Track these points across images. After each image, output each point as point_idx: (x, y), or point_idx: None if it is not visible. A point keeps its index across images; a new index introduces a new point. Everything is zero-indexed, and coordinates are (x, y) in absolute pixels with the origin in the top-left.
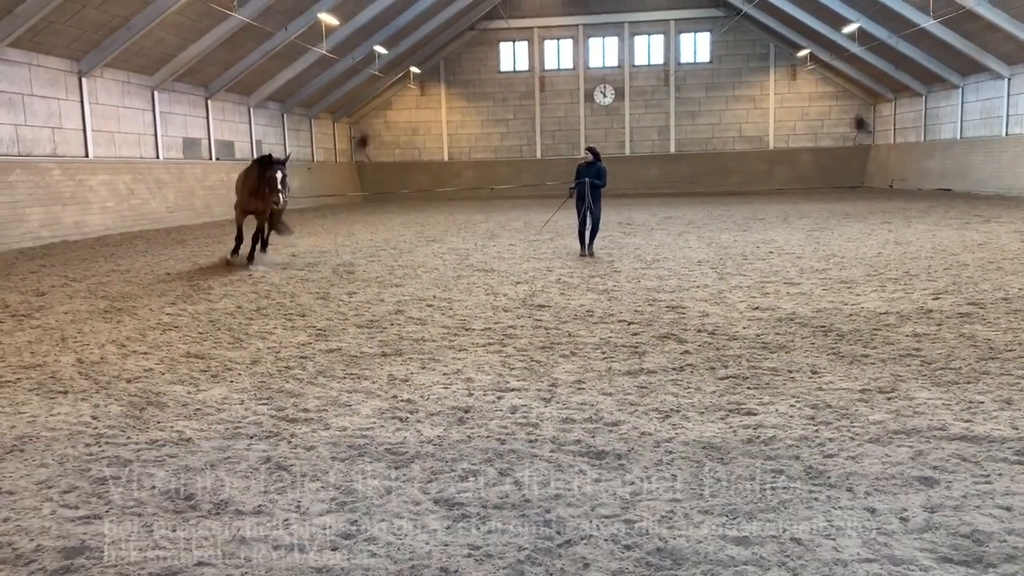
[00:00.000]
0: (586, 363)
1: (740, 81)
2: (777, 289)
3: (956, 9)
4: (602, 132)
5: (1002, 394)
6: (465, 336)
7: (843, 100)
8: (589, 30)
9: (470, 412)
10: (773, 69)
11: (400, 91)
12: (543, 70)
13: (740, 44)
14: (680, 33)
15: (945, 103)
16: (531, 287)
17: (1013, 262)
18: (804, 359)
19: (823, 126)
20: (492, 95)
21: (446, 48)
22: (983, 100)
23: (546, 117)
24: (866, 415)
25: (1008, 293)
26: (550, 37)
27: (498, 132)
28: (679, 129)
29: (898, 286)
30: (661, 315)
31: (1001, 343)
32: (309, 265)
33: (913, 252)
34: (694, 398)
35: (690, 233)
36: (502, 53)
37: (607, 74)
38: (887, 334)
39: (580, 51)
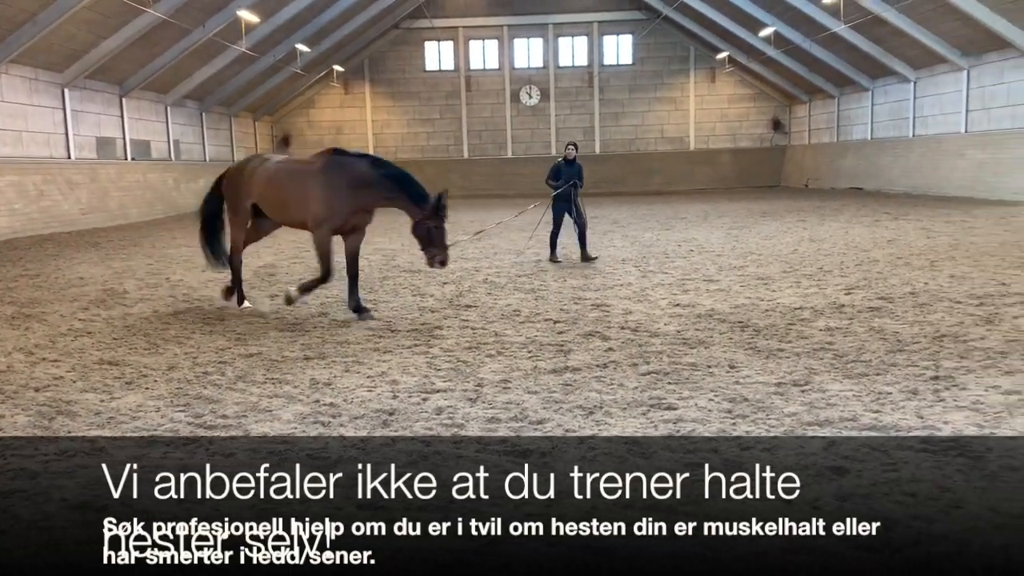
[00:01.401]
0: (512, 362)
1: (662, 83)
2: (697, 286)
3: (865, 15)
4: (528, 133)
5: (908, 385)
6: (390, 338)
7: (760, 102)
8: (514, 31)
9: (394, 415)
10: (693, 71)
11: (323, 90)
12: (469, 70)
13: (661, 47)
14: (603, 35)
15: (856, 105)
16: (458, 287)
17: (920, 258)
18: (722, 354)
19: (741, 127)
20: (418, 94)
21: (370, 47)
22: (891, 102)
23: (472, 117)
24: (781, 408)
25: (915, 288)
26: (475, 37)
27: (424, 132)
28: (604, 130)
29: (812, 282)
30: (586, 313)
31: (908, 336)
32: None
33: (827, 249)
34: (617, 394)
35: (615, 232)
36: (427, 52)
37: (532, 75)
38: (801, 328)
39: (505, 52)
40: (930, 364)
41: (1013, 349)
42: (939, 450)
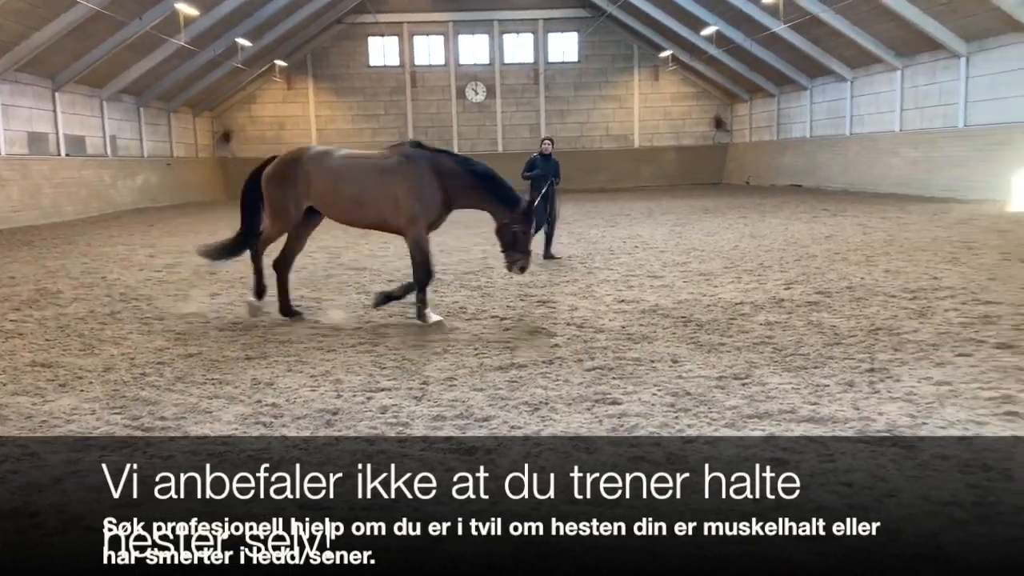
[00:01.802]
0: (458, 360)
1: (606, 81)
2: (641, 282)
3: (804, 15)
4: (475, 129)
5: (845, 377)
6: (334, 336)
7: (703, 100)
8: (459, 27)
9: (338, 414)
10: (637, 70)
11: (265, 85)
12: (414, 66)
13: (606, 45)
14: (548, 32)
15: (795, 104)
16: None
17: (856, 253)
18: (666, 349)
19: (684, 125)
20: (362, 90)
21: (313, 42)
22: (829, 101)
23: (418, 113)
24: (722, 401)
25: (851, 282)
26: (420, 33)
27: (369, 127)
28: (550, 127)
29: (753, 277)
30: (532, 310)
31: (845, 329)
32: (168, 266)
33: (767, 245)
34: (562, 390)
35: (560, 229)
36: (371, 48)
37: (478, 72)
38: (742, 323)
39: (451, 48)
40: (866, 357)
41: (944, 341)
42: (874, 440)
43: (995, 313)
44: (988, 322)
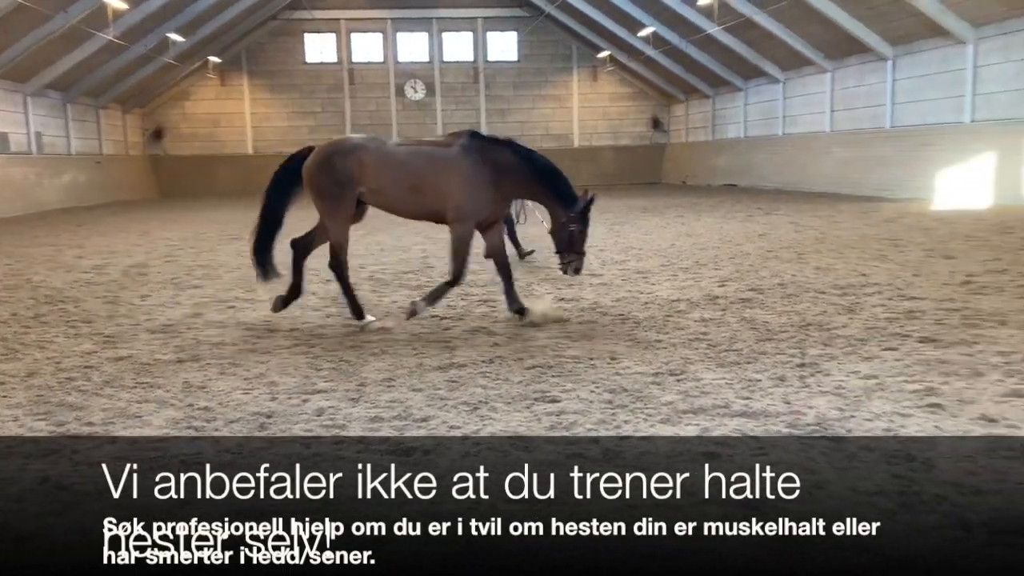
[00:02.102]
0: (397, 360)
1: (546, 80)
2: (580, 280)
3: (738, 17)
4: (415, 127)
5: (777, 372)
6: (269, 338)
7: (640, 101)
8: (398, 24)
9: (273, 417)
10: (576, 70)
11: (199, 81)
12: (351, 63)
13: (545, 44)
14: (488, 31)
15: (730, 105)
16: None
17: (788, 251)
18: (604, 346)
19: (623, 125)
20: (299, 87)
21: (248, 38)
22: (763, 102)
23: (357, 111)
24: (658, 397)
25: (783, 279)
26: (358, 30)
27: (306, 125)
28: (490, 126)
29: (689, 275)
30: (473, 309)
31: (776, 325)
32: (96, 267)
33: (702, 243)
34: (502, 389)
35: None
36: (308, 44)
37: (417, 69)
38: (678, 320)
39: (389, 45)
40: (796, 352)
41: (871, 336)
42: (804, 433)
43: (919, 308)
44: (913, 317)
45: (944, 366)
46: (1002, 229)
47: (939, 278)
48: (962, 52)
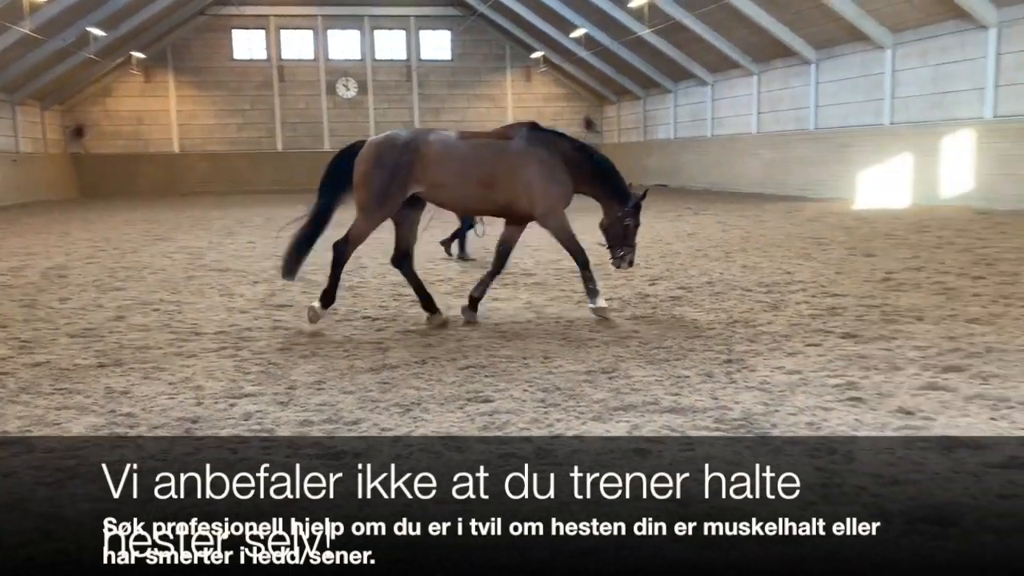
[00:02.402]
0: (327, 362)
1: (480, 80)
2: (515, 280)
3: (667, 20)
4: (347, 126)
5: (705, 368)
6: (195, 341)
7: (574, 101)
8: (328, 21)
9: (199, 422)
10: (510, 69)
11: (122, 77)
12: (281, 60)
13: (478, 44)
14: (421, 30)
15: (660, 106)
16: (271, 286)
17: (716, 250)
18: (537, 346)
19: (557, 126)
20: (227, 84)
21: (173, 33)
22: (692, 104)
23: (286, 109)
24: (591, 395)
25: (711, 278)
26: (288, 27)
27: (234, 123)
28: (424, 125)
29: (620, 274)
30: (406, 310)
31: (704, 322)
32: (13, 269)
33: None
34: (435, 390)
35: (436, 227)
36: (236, 41)
37: (349, 67)
38: (610, 318)
39: (320, 42)
40: (724, 348)
41: (795, 332)
42: (730, 428)
43: (841, 305)
44: (835, 313)
45: (864, 361)
46: (919, 228)
47: (860, 276)
48: (881, 57)
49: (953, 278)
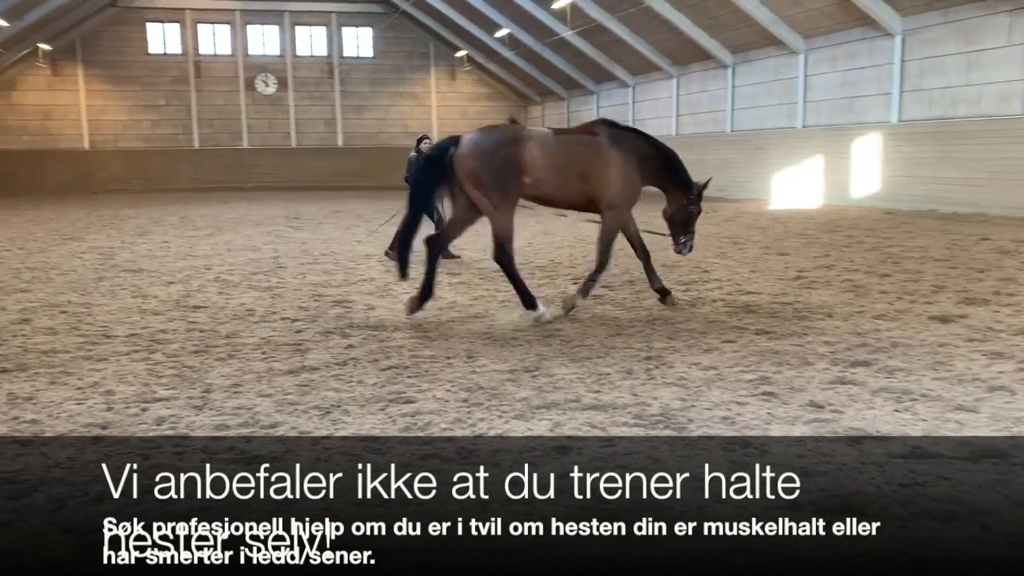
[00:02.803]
0: (244, 365)
1: (403, 78)
2: (440, 279)
3: (590, 22)
4: (266, 123)
5: (625, 365)
6: (106, 344)
7: (498, 101)
8: (247, 16)
9: (108, 428)
10: (434, 68)
11: (27, 70)
12: (198, 55)
13: (401, 41)
14: (342, 27)
15: (584, 107)
16: (186, 287)
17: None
18: (461, 345)
19: (482, 125)
20: (140, 79)
21: (83, 25)
22: (614, 105)
23: (203, 105)
24: (513, 393)
25: (632, 276)
26: (204, 21)
27: (148, 119)
28: (346, 123)
29: (545, 273)
30: (326, 310)
31: (625, 320)
32: None
33: (559, 242)
34: (356, 392)
35: (359, 227)
36: (150, 34)
37: (269, 63)
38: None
39: (239, 37)
40: (644, 345)
41: (711, 329)
42: (649, 424)
43: (755, 302)
44: (749, 311)
45: (777, 356)
46: (831, 227)
47: (774, 274)
48: (794, 62)
49: (862, 276)
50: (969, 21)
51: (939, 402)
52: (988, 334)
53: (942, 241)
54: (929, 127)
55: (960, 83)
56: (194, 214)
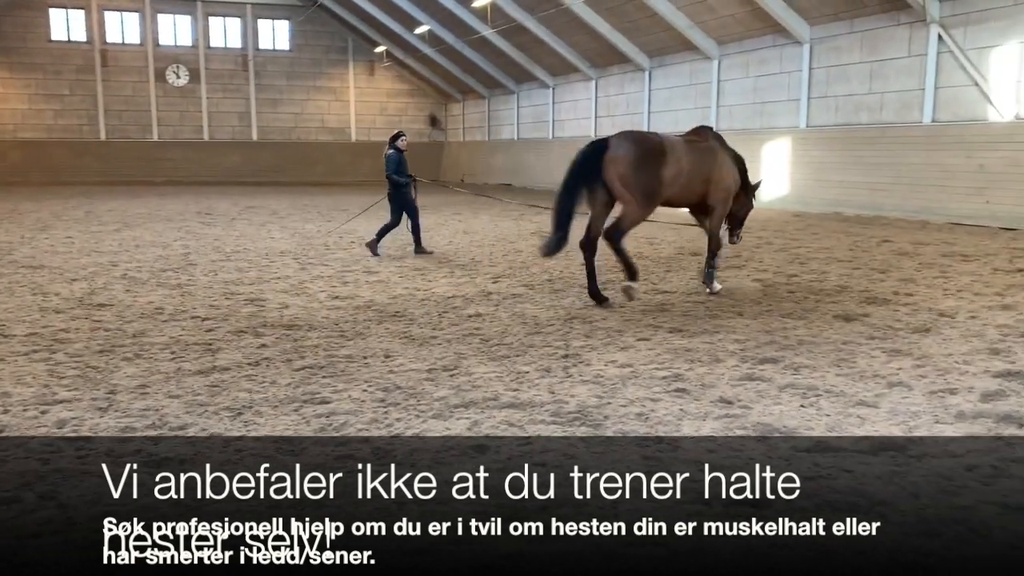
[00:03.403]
0: (152, 365)
1: (321, 72)
2: (357, 278)
3: (510, 22)
4: (177, 115)
5: (543, 363)
6: (3, 343)
7: (418, 98)
8: (157, 5)
9: (4, 431)
10: (352, 63)
11: None
12: (105, 43)
13: (319, 35)
14: (258, 18)
15: (504, 107)
16: (90, 284)
17: None
18: (378, 344)
19: (401, 122)
20: (42, 67)
21: None
22: (534, 106)
23: (110, 95)
24: (431, 393)
25: (552, 275)
26: (111, 8)
27: (51, 109)
28: (261, 116)
29: (465, 272)
30: (239, 309)
31: (544, 319)
32: None
33: (478, 241)
34: (269, 392)
35: (273, 223)
36: (53, 20)
37: (180, 54)
38: (453, 316)
39: (149, 26)
40: (562, 344)
41: (628, 327)
42: (566, 421)
43: (670, 301)
44: (663, 309)
45: (689, 354)
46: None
47: (688, 273)
48: (709, 67)
49: (770, 276)
50: (873, 32)
51: (842, 398)
52: (888, 332)
53: (846, 243)
54: (835, 132)
55: (863, 91)
56: (100, 208)
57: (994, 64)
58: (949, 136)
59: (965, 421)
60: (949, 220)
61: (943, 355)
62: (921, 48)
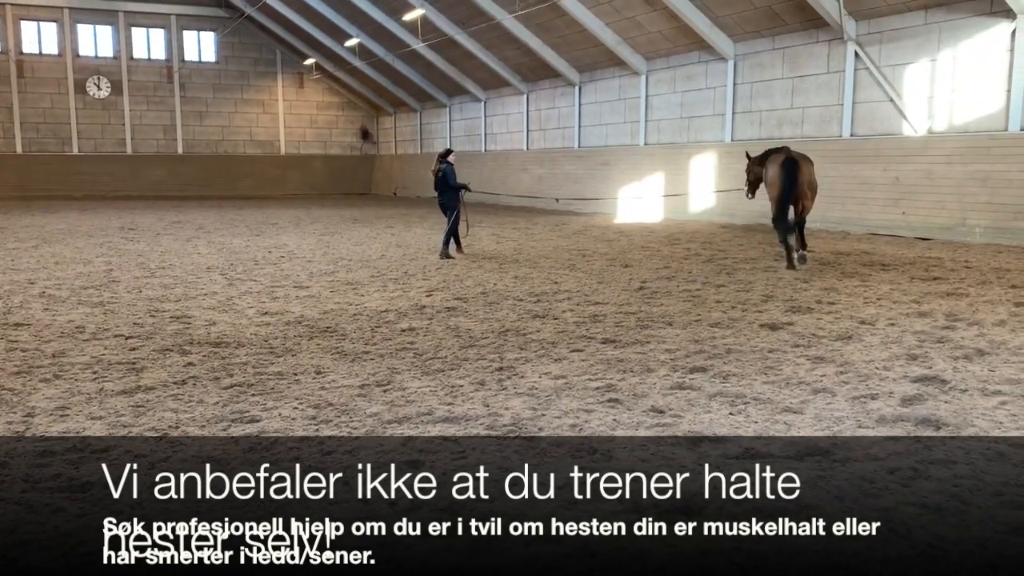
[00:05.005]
0: (73, 386)
1: (248, 84)
2: (287, 293)
3: (441, 35)
4: (99, 128)
5: (478, 377)
6: None
7: (349, 111)
8: (77, 15)
9: None
10: (281, 75)
11: None
12: (21, 53)
13: (247, 47)
14: (183, 30)
15: (436, 120)
16: (6, 303)
17: (490, 261)
18: (309, 360)
19: (331, 135)
20: None
21: None
22: (466, 119)
23: (27, 107)
24: (364, 409)
25: (486, 288)
26: (28, 18)
27: None
28: (186, 129)
29: (398, 286)
30: (164, 326)
31: (479, 332)
32: None
33: (412, 254)
34: (195, 412)
35: (199, 238)
36: None
37: (102, 65)
38: (386, 331)
39: (67, 37)
40: (496, 357)
41: (561, 339)
42: (501, 434)
43: (602, 312)
44: (596, 320)
45: (622, 364)
46: (671, 240)
47: (619, 284)
48: (637, 82)
49: (699, 286)
50: (794, 48)
51: (769, 405)
52: (812, 340)
53: (771, 253)
54: (759, 147)
55: (785, 106)
56: (16, 224)
57: (908, 81)
58: (866, 150)
59: (886, 425)
60: (868, 231)
61: (864, 361)
62: (839, 65)
